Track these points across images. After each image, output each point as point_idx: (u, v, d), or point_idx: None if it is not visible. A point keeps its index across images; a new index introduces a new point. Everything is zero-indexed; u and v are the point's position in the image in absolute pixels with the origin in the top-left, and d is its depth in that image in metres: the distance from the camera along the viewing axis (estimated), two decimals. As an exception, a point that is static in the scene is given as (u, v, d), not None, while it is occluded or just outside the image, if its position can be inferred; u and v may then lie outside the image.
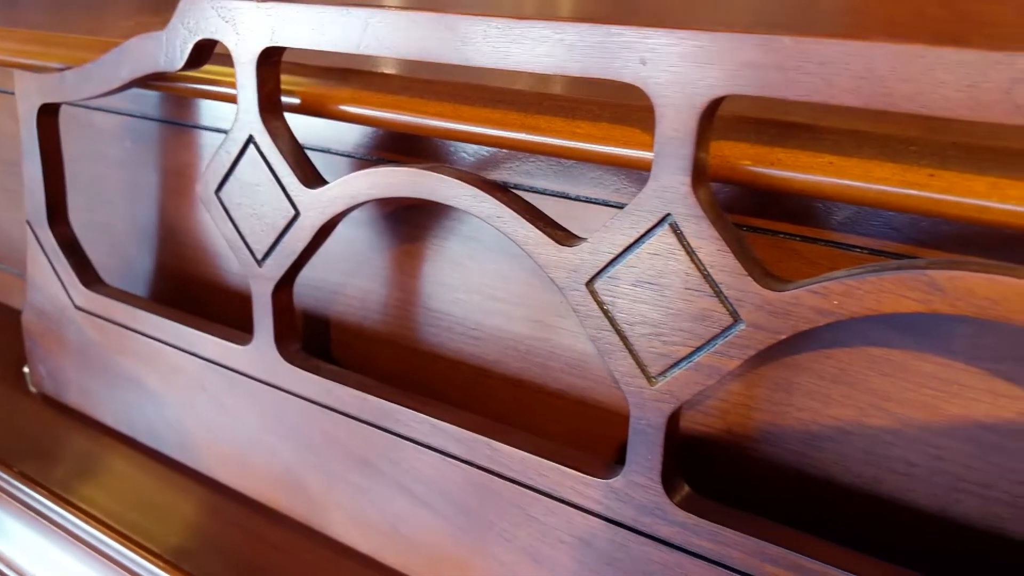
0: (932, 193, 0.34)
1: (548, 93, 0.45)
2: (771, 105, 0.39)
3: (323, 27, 0.45)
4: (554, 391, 0.52)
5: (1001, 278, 0.30)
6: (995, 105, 0.29)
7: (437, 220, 0.54)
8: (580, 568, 0.45)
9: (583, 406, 0.51)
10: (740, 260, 0.36)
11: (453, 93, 0.48)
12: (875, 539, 0.43)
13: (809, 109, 0.39)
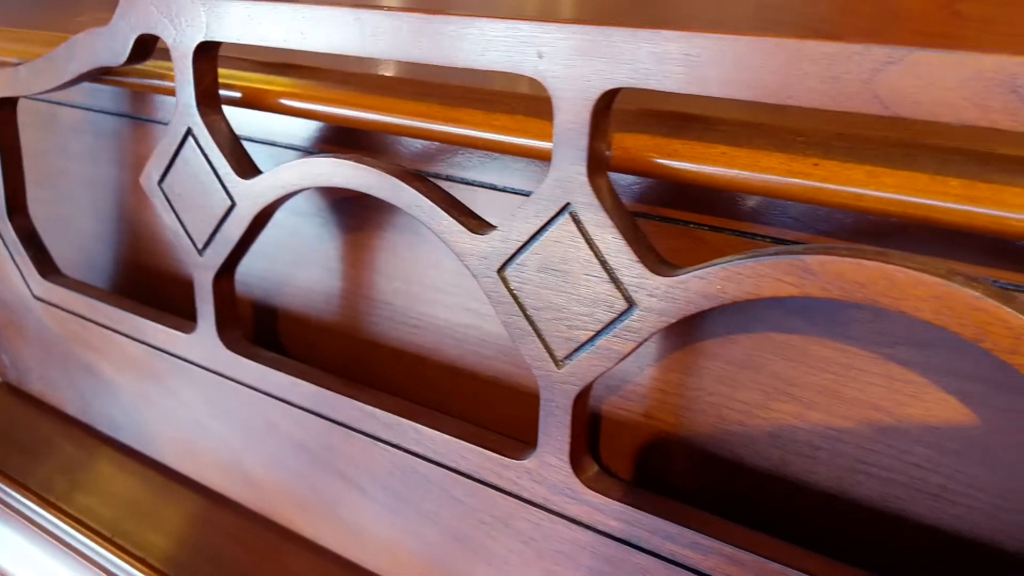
0: (814, 182, 0.35)
1: (473, 87, 0.47)
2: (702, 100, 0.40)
3: (254, 22, 0.47)
4: (488, 377, 0.54)
5: (868, 262, 0.32)
6: (856, 95, 0.30)
7: (377, 211, 0.56)
8: (500, 548, 0.47)
9: (515, 392, 0.53)
10: (634, 247, 0.37)
11: (386, 87, 0.49)
12: (783, 520, 0.44)
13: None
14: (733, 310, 0.43)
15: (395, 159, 0.53)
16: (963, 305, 0.30)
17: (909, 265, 0.31)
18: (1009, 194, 0.32)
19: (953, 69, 0.28)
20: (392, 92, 0.48)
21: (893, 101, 0.30)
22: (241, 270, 0.58)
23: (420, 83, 0.48)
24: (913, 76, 0.29)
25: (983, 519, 0.39)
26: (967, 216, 0.32)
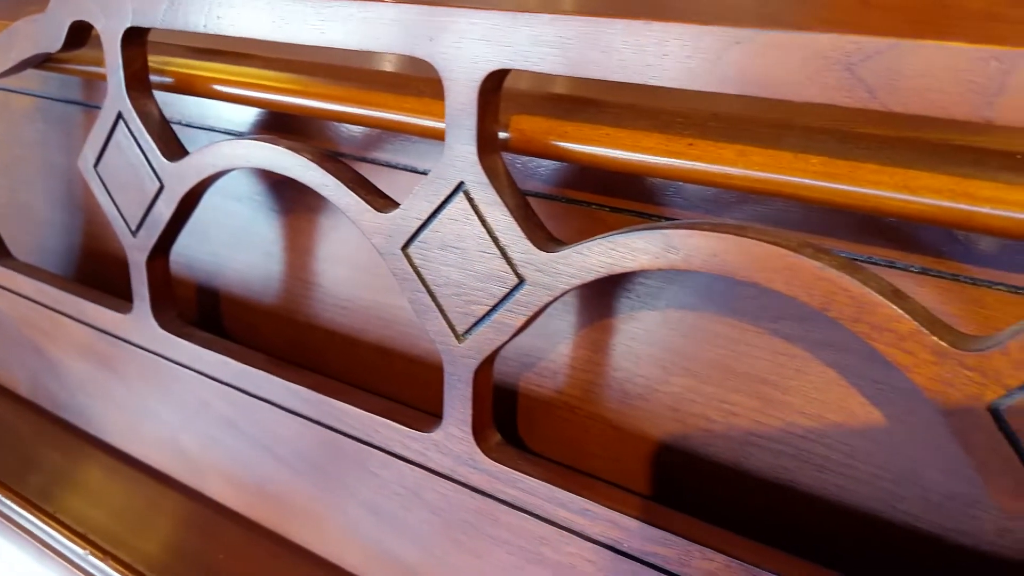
0: (689, 161, 0.37)
1: (386, 71, 0.48)
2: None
3: (176, 7, 0.48)
4: (415, 357, 0.55)
5: (724, 235, 0.33)
6: (707, 74, 0.32)
7: (307, 195, 0.57)
8: (414, 520, 0.48)
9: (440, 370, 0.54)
10: (522, 225, 0.38)
11: (310, 71, 0.50)
12: (686, 491, 0.46)
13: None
14: (634, 288, 0.45)
15: (332, 145, 0.54)
16: (810, 275, 0.32)
17: (762, 238, 0.33)
18: (865, 171, 0.33)
19: (795, 49, 0.30)
20: (313, 75, 0.50)
21: (741, 80, 0.31)
22: (185, 253, 0.60)
23: (340, 68, 0.50)
24: (759, 56, 0.30)
25: (863, 488, 0.40)
26: (826, 192, 0.34)
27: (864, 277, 0.31)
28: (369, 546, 0.51)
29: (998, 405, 0.29)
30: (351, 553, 0.52)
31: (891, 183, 0.32)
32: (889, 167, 0.33)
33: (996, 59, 0.27)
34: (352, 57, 0.52)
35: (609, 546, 0.41)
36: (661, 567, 0.39)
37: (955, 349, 0.30)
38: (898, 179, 0.32)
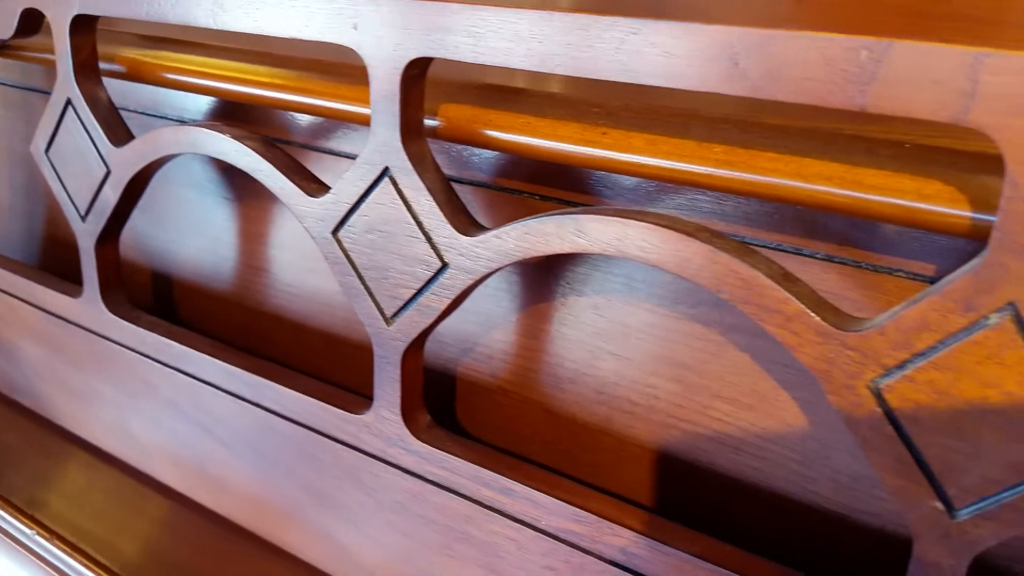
0: (602, 150, 0.38)
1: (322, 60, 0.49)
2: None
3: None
4: (357, 341, 0.56)
5: (625, 220, 0.34)
6: (607, 63, 0.33)
7: (255, 181, 0.58)
8: (349, 501, 0.49)
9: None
10: (445, 210, 0.40)
11: (257, 59, 0.51)
12: (611, 473, 0.47)
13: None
14: (564, 275, 0.46)
15: (284, 133, 0.55)
16: (703, 258, 0.33)
17: (660, 223, 0.34)
18: (763, 159, 0.34)
19: (684, 40, 0.31)
20: (256, 62, 0.51)
21: (637, 69, 0.32)
22: (140, 239, 0.60)
23: (286, 56, 0.51)
24: (651, 46, 0.32)
25: (777, 470, 0.42)
26: (726, 180, 0.35)
27: (754, 261, 0.32)
28: (307, 527, 0.52)
29: (877, 384, 0.31)
30: (290, 533, 0.53)
31: (786, 171, 0.34)
32: (785, 155, 0.34)
33: (867, 49, 0.28)
34: (322, 47, 0.53)
35: (528, 524, 0.42)
36: (575, 544, 0.40)
37: (837, 330, 0.31)
38: (793, 167, 0.34)
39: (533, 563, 0.42)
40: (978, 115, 0.27)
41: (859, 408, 0.31)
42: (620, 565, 0.39)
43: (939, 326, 0.29)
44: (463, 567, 0.45)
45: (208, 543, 0.54)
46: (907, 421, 0.30)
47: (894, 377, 0.30)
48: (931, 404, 0.30)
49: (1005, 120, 0.26)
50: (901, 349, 0.30)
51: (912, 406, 0.30)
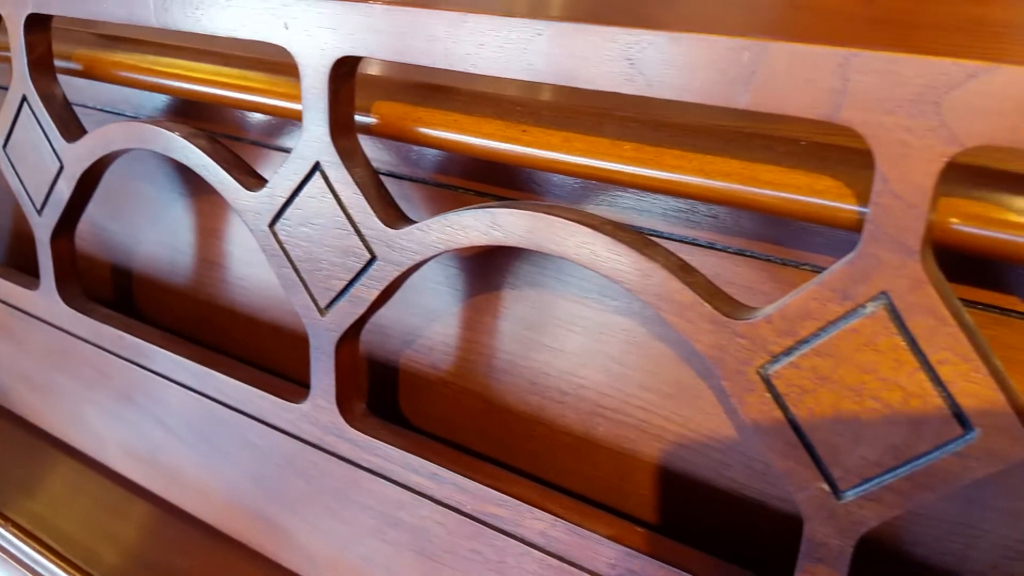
0: (522, 147, 0.39)
1: (271, 59, 0.50)
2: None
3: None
4: (304, 334, 0.57)
5: (535, 214, 0.36)
6: (515, 63, 0.34)
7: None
8: (289, 488, 0.50)
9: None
10: (373, 203, 0.41)
11: (206, 57, 0.53)
12: (545, 462, 0.48)
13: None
14: (499, 268, 0.47)
15: (241, 131, 0.57)
16: (607, 250, 0.34)
17: (567, 216, 0.35)
18: (669, 156, 0.36)
19: (583, 41, 0.32)
20: (191, 57, 0.52)
21: (544, 69, 0.34)
22: (100, 233, 0.61)
23: (230, 55, 0.52)
24: (558, 46, 0.33)
25: (696, 457, 0.43)
26: (635, 177, 0.36)
27: (653, 253, 0.34)
28: (251, 514, 0.53)
29: (766, 370, 0.32)
30: (235, 521, 0.54)
31: (689, 167, 0.35)
32: (690, 153, 0.35)
33: (747, 50, 0.29)
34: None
35: (455, 508, 0.43)
36: (498, 527, 0.42)
37: (729, 319, 0.32)
38: (695, 164, 0.35)
39: (460, 546, 0.44)
40: (848, 112, 0.28)
41: (750, 393, 0.33)
42: (540, 547, 0.41)
43: (819, 314, 0.30)
44: (396, 552, 0.46)
45: (189, 547, 0.55)
46: (793, 405, 0.32)
47: (781, 363, 0.32)
48: (814, 389, 0.31)
49: (872, 117, 0.28)
50: (786, 337, 0.31)
51: (797, 391, 0.32)
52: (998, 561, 0.36)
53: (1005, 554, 0.36)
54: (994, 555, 0.36)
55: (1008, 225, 0.30)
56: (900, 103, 0.27)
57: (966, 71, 0.26)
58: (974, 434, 0.29)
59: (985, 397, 0.28)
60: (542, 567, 0.41)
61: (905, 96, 0.27)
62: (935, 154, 0.27)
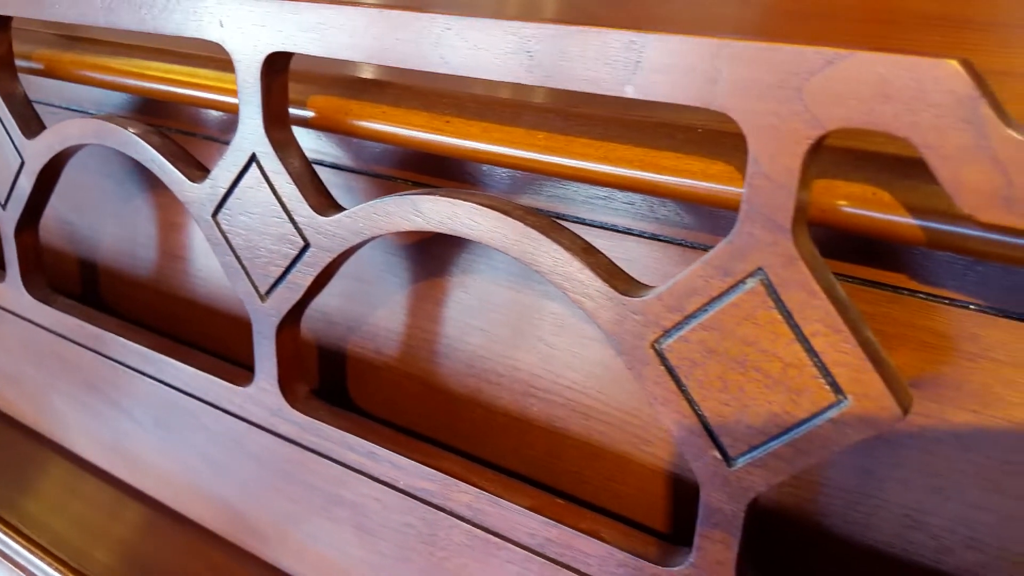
0: (446, 137, 0.41)
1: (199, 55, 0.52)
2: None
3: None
4: (263, 324, 0.59)
5: (453, 200, 0.37)
6: (427, 57, 0.36)
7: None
8: (240, 470, 0.52)
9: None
10: (305, 192, 0.43)
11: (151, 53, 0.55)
12: (483, 441, 0.50)
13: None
14: (436, 256, 0.49)
15: (201, 128, 0.58)
16: (517, 234, 0.36)
17: (483, 202, 0.37)
18: (577, 144, 0.38)
19: (489, 34, 0.34)
20: (124, 54, 0.54)
21: (452, 61, 0.35)
22: (66, 227, 0.63)
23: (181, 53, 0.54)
24: (463, 40, 0.35)
25: (619, 433, 0.45)
26: (546, 164, 0.38)
27: (559, 235, 0.36)
28: (207, 496, 0.55)
29: (660, 344, 0.34)
30: (194, 504, 0.56)
31: (596, 155, 0.37)
32: (596, 141, 0.37)
33: (633, 41, 0.31)
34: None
35: (389, 484, 0.45)
36: (428, 501, 0.44)
37: (626, 297, 0.34)
38: (601, 151, 0.37)
39: (395, 521, 0.45)
40: (723, 99, 0.30)
41: (647, 367, 0.34)
42: (466, 519, 0.43)
43: (704, 291, 0.32)
44: (338, 528, 0.48)
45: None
46: (685, 377, 0.34)
47: (672, 338, 0.33)
48: (703, 362, 0.33)
49: (743, 103, 0.29)
50: (676, 312, 0.33)
51: (688, 363, 0.33)
52: (899, 529, 0.38)
53: (904, 523, 0.38)
54: (895, 524, 0.38)
55: (885, 205, 0.32)
56: (767, 89, 0.29)
57: (824, 58, 0.28)
58: (846, 402, 0.30)
59: (854, 366, 0.30)
60: (469, 538, 0.43)
61: (771, 82, 0.29)
62: (800, 137, 0.29)
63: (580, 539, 0.39)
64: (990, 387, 0.34)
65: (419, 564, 0.45)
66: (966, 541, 0.37)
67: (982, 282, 0.34)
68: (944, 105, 0.26)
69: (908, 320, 0.36)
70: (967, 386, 0.35)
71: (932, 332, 0.35)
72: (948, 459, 0.36)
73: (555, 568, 0.40)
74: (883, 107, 0.27)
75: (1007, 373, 0.34)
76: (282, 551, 0.52)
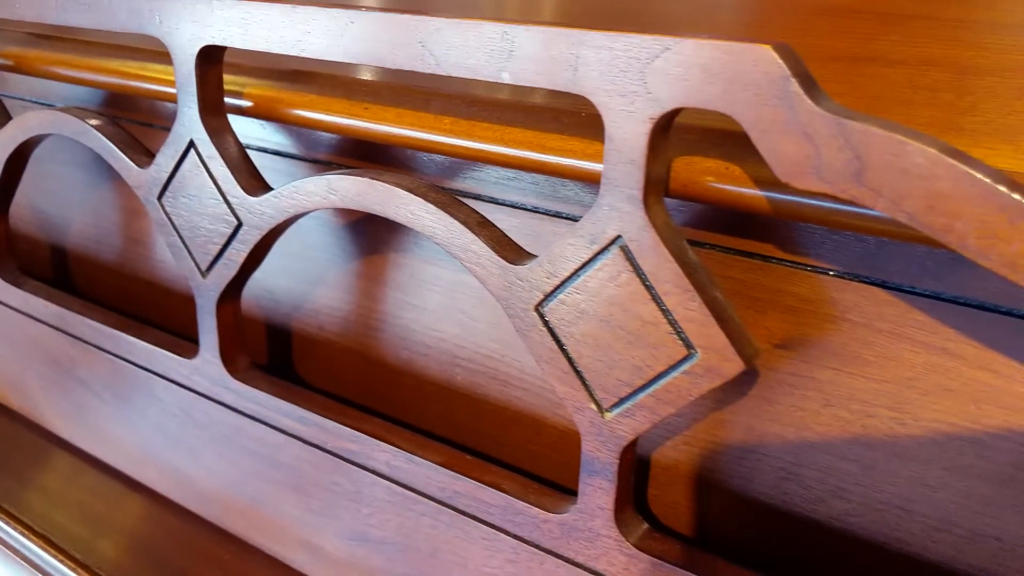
0: (363, 122, 0.44)
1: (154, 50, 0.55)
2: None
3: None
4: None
5: (363, 179, 0.41)
6: (335, 47, 0.39)
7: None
8: (189, 437, 0.56)
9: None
10: (237, 175, 0.46)
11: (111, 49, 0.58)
12: (414, 410, 0.54)
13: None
14: (370, 236, 0.52)
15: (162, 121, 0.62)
16: (420, 209, 0.40)
17: (390, 181, 0.40)
18: (478, 128, 0.41)
19: (387, 26, 0.38)
20: (60, 49, 0.58)
21: (356, 52, 0.39)
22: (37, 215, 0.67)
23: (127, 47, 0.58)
24: (364, 32, 0.38)
25: (533, 398, 0.48)
26: (451, 146, 0.42)
27: (456, 211, 0.39)
28: (161, 464, 0.58)
29: (542, 308, 0.37)
30: (149, 471, 0.60)
31: (493, 138, 0.40)
32: (495, 125, 0.41)
33: (506, 33, 0.34)
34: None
35: (319, 447, 0.48)
36: (352, 460, 0.47)
37: (512, 264, 0.38)
38: (497, 134, 0.40)
39: (325, 480, 0.49)
40: (582, 84, 0.33)
41: (532, 329, 0.38)
42: (386, 476, 0.46)
43: (575, 257, 0.36)
44: (278, 490, 0.52)
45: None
46: (564, 337, 0.37)
47: (552, 301, 0.37)
48: (577, 321, 0.36)
49: (598, 86, 0.33)
50: (553, 278, 0.36)
51: (566, 324, 0.37)
52: (776, 481, 0.41)
53: (780, 475, 0.41)
54: (773, 476, 0.41)
55: (736, 179, 0.35)
56: (617, 74, 0.32)
57: (662, 44, 0.31)
58: (696, 355, 0.34)
59: (701, 323, 0.33)
60: (389, 494, 0.46)
61: (619, 68, 0.32)
62: (644, 116, 0.32)
63: (483, 491, 0.42)
64: (848, 346, 0.38)
65: (347, 521, 0.49)
66: (834, 491, 0.40)
67: (837, 249, 0.37)
68: (760, 85, 0.29)
69: (776, 286, 0.39)
70: (829, 346, 0.38)
71: (797, 297, 0.39)
72: (816, 414, 0.39)
73: (463, 518, 0.43)
74: (711, 88, 0.30)
75: (861, 333, 0.37)
76: (228, 514, 0.55)
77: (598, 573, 0.39)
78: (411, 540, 0.46)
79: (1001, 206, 0.26)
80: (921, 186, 0.27)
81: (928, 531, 0.38)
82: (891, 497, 0.38)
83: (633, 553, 0.38)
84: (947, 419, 0.36)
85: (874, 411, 0.38)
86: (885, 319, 0.37)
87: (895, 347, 0.37)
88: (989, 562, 0.37)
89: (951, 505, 0.37)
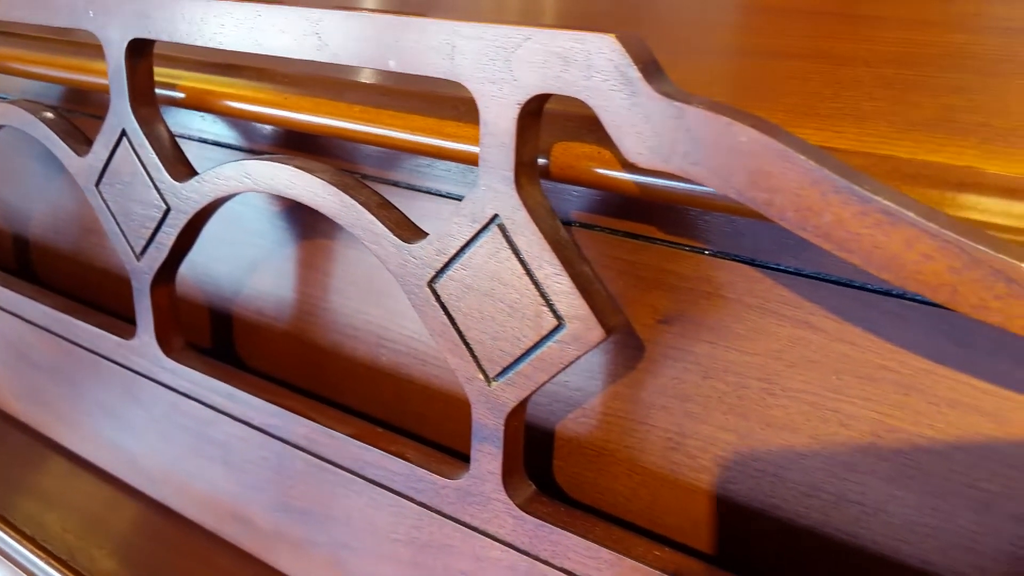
0: (284, 111, 0.47)
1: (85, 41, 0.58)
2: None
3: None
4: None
5: (281, 166, 0.43)
6: (240, 40, 0.42)
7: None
8: (132, 417, 0.58)
9: (192, 305, 0.64)
10: (165, 162, 0.49)
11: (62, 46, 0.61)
12: (365, 399, 0.55)
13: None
14: (302, 223, 0.55)
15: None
16: (325, 192, 0.42)
17: (298, 165, 0.43)
18: (384, 115, 0.43)
19: (286, 18, 0.40)
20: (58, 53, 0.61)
21: (264, 43, 0.41)
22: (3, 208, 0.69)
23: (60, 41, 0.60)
24: (271, 25, 0.41)
25: (450, 376, 0.50)
26: (358, 133, 0.44)
27: (357, 192, 0.41)
28: (107, 443, 0.61)
29: (434, 284, 0.40)
30: (98, 451, 0.62)
31: (398, 125, 0.43)
32: (402, 113, 0.43)
33: (391, 23, 0.37)
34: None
35: (246, 422, 0.51)
36: (275, 435, 0.50)
37: (407, 243, 0.40)
38: (400, 122, 0.43)
39: (253, 454, 0.51)
40: (458, 71, 0.36)
41: (426, 304, 0.40)
42: (304, 449, 0.48)
43: (460, 235, 0.38)
44: (211, 465, 0.54)
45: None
46: (453, 311, 0.39)
47: (442, 277, 0.39)
48: (464, 296, 0.39)
49: (472, 74, 0.35)
50: (442, 255, 0.39)
51: (455, 299, 0.39)
52: (664, 451, 0.44)
53: (667, 444, 0.43)
54: (661, 446, 0.44)
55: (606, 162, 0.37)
56: (486, 62, 0.35)
57: (523, 35, 0.33)
58: (565, 326, 0.36)
59: (568, 295, 0.36)
60: (307, 466, 0.48)
61: (489, 56, 0.34)
62: (511, 102, 0.34)
63: (389, 460, 0.45)
64: (722, 321, 0.40)
65: (272, 493, 0.51)
66: (716, 459, 0.42)
67: (710, 229, 0.40)
68: (606, 71, 0.32)
69: (659, 265, 0.41)
70: (706, 321, 0.41)
71: (678, 275, 0.41)
72: (696, 386, 0.42)
73: (371, 487, 0.46)
74: (566, 74, 0.33)
75: (734, 308, 0.40)
76: (167, 490, 0.58)
77: (491, 535, 0.42)
78: (329, 509, 0.48)
79: (814, 180, 0.29)
80: (745, 163, 0.30)
81: (799, 496, 0.40)
82: (765, 465, 0.41)
83: (519, 515, 0.40)
84: (812, 389, 0.39)
85: (747, 383, 0.40)
86: (754, 295, 0.39)
87: (763, 321, 0.39)
88: (853, 525, 0.39)
89: (818, 472, 0.39)
